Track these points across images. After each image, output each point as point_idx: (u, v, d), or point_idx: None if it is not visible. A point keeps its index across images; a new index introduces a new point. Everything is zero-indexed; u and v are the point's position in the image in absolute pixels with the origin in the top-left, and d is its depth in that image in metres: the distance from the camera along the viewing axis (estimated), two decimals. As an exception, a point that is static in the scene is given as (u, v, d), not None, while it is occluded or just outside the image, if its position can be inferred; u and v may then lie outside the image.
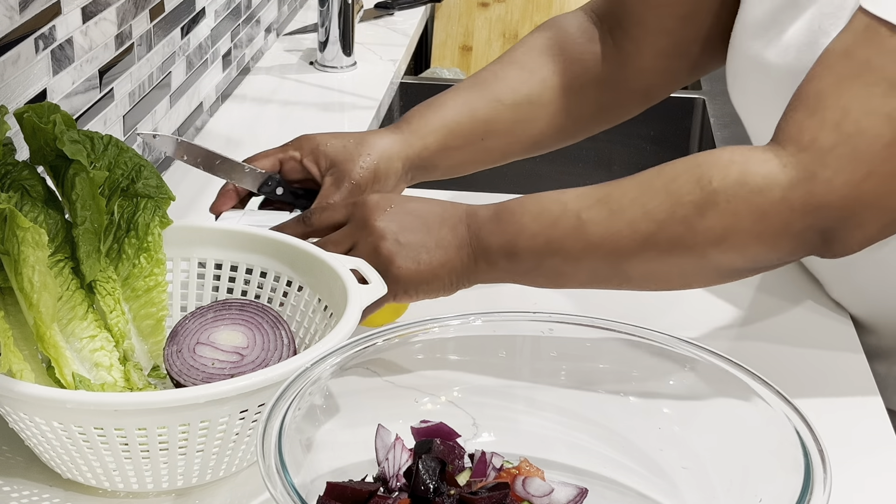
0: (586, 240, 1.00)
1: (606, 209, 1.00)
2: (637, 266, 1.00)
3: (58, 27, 1.20)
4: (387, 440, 0.86)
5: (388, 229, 1.02)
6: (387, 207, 1.03)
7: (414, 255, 1.02)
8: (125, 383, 0.96)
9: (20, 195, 0.94)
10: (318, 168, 1.17)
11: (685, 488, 0.89)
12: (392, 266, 1.01)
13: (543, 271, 1.03)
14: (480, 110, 1.22)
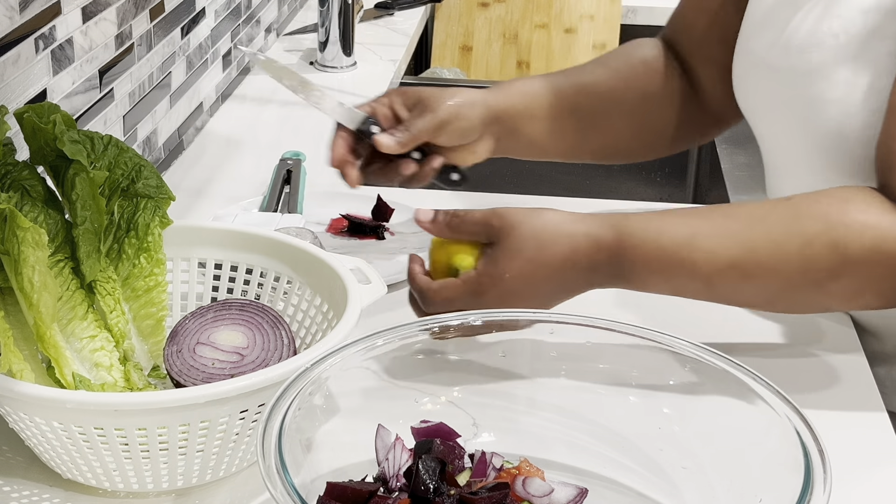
0: (716, 296, 1.04)
1: (738, 274, 1.01)
2: (759, 309, 1.10)
3: (58, 27, 1.20)
4: (387, 440, 0.86)
5: (516, 292, 1.02)
6: (507, 298, 1.02)
7: (537, 306, 1.03)
8: (125, 383, 0.96)
9: (20, 195, 0.95)
10: (405, 108, 1.22)
11: (685, 488, 0.89)
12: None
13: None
14: (565, 90, 1.26)
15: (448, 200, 1.46)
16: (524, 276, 1.02)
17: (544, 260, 1.02)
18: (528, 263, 1.02)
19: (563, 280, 1.03)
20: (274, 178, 1.46)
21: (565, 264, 1.02)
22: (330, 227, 1.38)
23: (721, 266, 1.01)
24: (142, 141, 1.46)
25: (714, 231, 1.02)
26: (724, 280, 1.01)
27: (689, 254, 1.01)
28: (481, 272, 1.03)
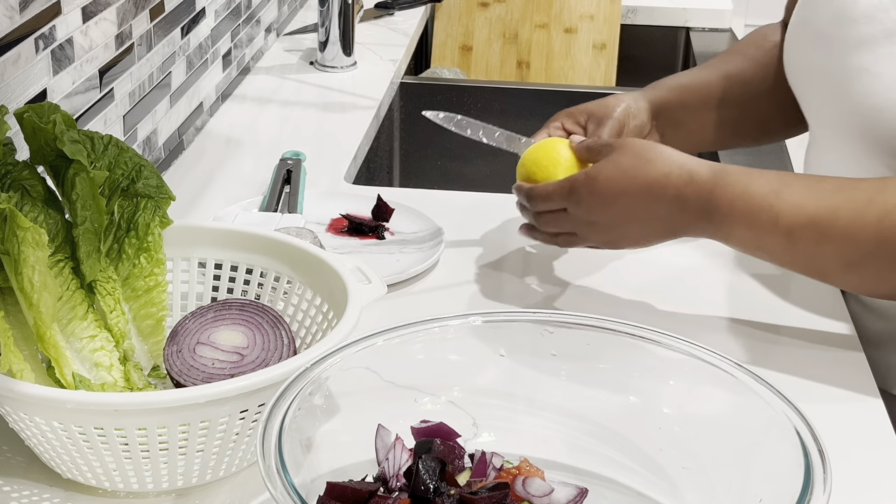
0: (792, 254, 1.07)
1: (816, 232, 1.04)
2: (834, 279, 1.09)
3: (58, 27, 1.20)
4: (387, 440, 0.86)
5: (608, 230, 1.14)
6: (599, 206, 1.12)
7: (623, 246, 1.16)
8: (125, 383, 0.96)
9: (20, 195, 0.95)
10: (579, 125, 1.28)
11: (685, 488, 0.89)
12: (600, 247, 1.18)
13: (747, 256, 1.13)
14: (713, 82, 1.32)
15: (449, 200, 1.46)
16: (614, 185, 1.11)
17: (636, 175, 1.10)
18: (621, 174, 1.10)
19: (649, 202, 1.10)
20: (274, 178, 1.46)
21: (654, 186, 1.09)
22: (330, 227, 1.38)
23: (802, 221, 1.04)
24: (142, 141, 1.46)
25: (802, 187, 1.06)
26: (804, 236, 1.04)
27: (775, 202, 1.05)
28: (581, 174, 1.14)
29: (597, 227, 1.14)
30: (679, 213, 1.09)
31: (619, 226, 1.13)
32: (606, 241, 1.16)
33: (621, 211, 1.12)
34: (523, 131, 2.05)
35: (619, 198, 1.11)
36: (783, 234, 1.05)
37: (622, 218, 1.12)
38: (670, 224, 1.11)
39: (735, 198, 1.06)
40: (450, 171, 2.08)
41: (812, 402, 1.00)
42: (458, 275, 1.29)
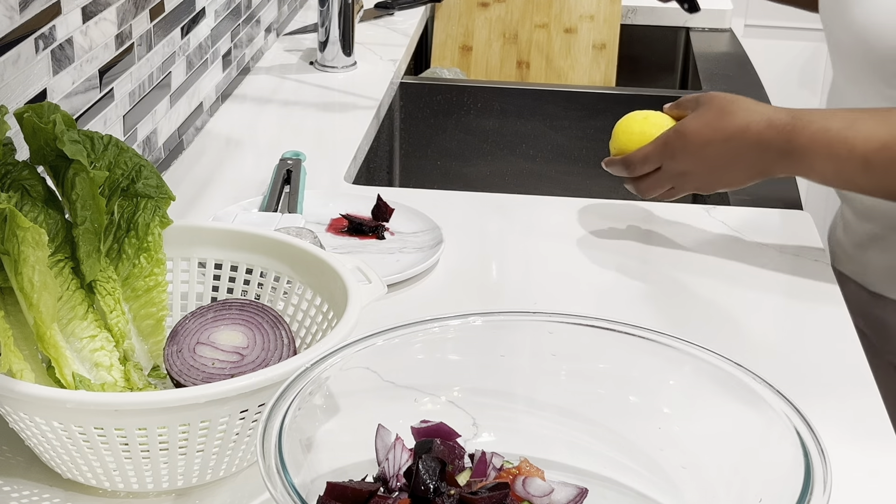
0: (869, 179, 1.18)
1: (889, 155, 1.16)
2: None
3: (58, 27, 1.20)
4: (387, 440, 0.86)
5: (702, 178, 1.28)
6: (689, 157, 1.26)
7: (716, 189, 1.30)
8: (125, 383, 0.96)
9: (20, 195, 0.95)
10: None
11: (685, 488, 0.89)
12: (697, 192, 1.31)
13: (832, 186, 1.28)
14: None
15: (449, 200, 1.46)
16: (702, 136, 1.24)
17: (720, 125, 1.23)
18: (705, 126, 1.24)
19: (732, 150, 1.23)
20: (274, 178, 1.46)
21: (735, 135, 1.22)
22: (330, 227, 1.38)
23: (876, 146, 1.16)
24: (142, 141, 1.46)
25: (873, 118, 1.19)
26: (878, 160, 1.16)
27: (850, 133, 1.18)
28: (670, 130, 1.28)
29: (689, 177, 1.28)
30: (762, 156, 1.22)
31: (708, 173, 1.26)
32: (699, 187, 1.29)
33: (709, 159, 1.25)
34: (523, 131, 2.06)
35: (706, 148, 1.24)
36: (860, 160, 1.17)
37: (710, 166, 1.25)
38: (756, 166, 1.23)
39: (813, 134, 1.19)
40: (450, 171, 2.08)
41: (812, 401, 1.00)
42: (458, 275, 1.29)
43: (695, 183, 1.29)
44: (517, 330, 0.97)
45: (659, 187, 1.30)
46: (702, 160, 1.26)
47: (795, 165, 1.21)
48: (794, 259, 1.33)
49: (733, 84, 2.02)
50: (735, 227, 1.40)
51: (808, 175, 1.22)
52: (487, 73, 2.35)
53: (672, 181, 1.29)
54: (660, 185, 1.30)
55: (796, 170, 1.22)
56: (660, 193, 1.32)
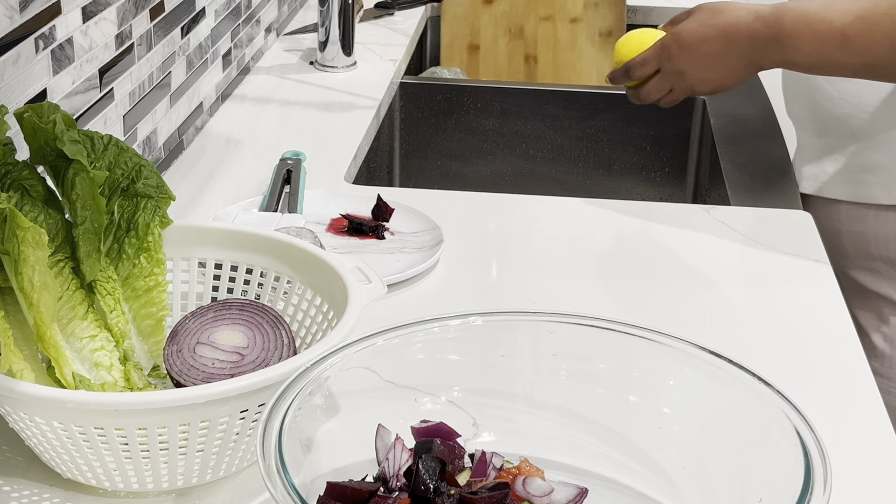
0: (849, 51, 1.28)
1: (864, 24, 1.27)
2: (888, 65, 1.28)
3: (58, 27, 1.20)
4: (387, 440, 0.86)
5: (695, 75, 1.39)
6: (685, 55, 1.38)
7: (711, 87, 1.40)
8: (125, 383, 0.96)
9: (20, 195, 0.95)
10: None
11: (685, 488, 0.89)
12: (697, 90, 1.42)
13: (813, 72, 1.39)
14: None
15: (449, 200, 1.46)
16: (696, 34, 1.37)
17: (712, 22, 1.36)
18: (699, 25, 1.37)
19: (725, 43, 1.35)
20: (274, 178, 1.46)
21: (727, 28, 1.35)
22: (330, 227, 1.38)
23: (851, 18, 1.27)
24: (142, 141, 1.46)
25: (845, 1, 1.29)
26: (855, 30, 1.27)
27: (827, 12, 1.29)
28: (667, 35, 1.41)
29: (686, 75, 1.39)
30: (752, 46, 1.33)
31: (704, 69, 1.38)
32: (695, 84, 1.40)
33: (704, 55, 1.37)
34: (523, 131, 2.06)
35: (701, 44, 1.36)
36: (838, 34, 1.27)
37: (706, 62, 1.37)
38: (747, 57, 1.35)
39: (795, 17, 1.30)
40: (450, 171, 2.08)
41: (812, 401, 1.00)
42: (458, 275, 1.29)
43: (691, 80, 1.39)
44: (517, 330, 0.97)
45: (658, 90, 1.42)
46: (697, 57, 1.37)
47: (782, 51, 1.31)
48: (794, 259, 1.33)
49: (733, 84, 2.01)
50: (735, 226, 1.40)
51: (794, 58, 1.32)
52: (496, 71, 2.35)
53: (670, 81, 1.41)
54: (659, 87, 1.42)
55: (783, 55, 1.32)
56: (660, 97, 1.43)
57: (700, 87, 1.41)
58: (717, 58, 1.37)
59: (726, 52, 1.36)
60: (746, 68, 1.37)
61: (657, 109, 1.49)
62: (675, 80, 1.41)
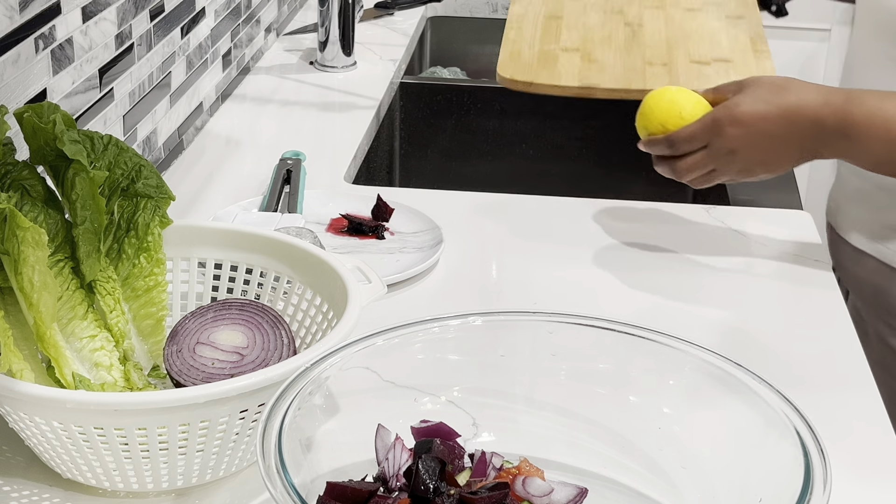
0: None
1: None
2: None
3: (58, 27, 1.20)
4: (387, 440, 0.86)
5: (751, 158, 1.22)
6: (740, 134, 1.21)
7: (763, 171, 1.24)
8: (125, 383, 0.96)
9: (20, 195, 0.95)
10: None
11: (685, 488, 0.89)
12: (750, 176, 1.25)
13: (874, 171, 1.24)
14: None
15: (449, 200, 1.46)
16: (754, 112, 1.21)
17: (774, 101, 1.21)
18: (760, 101, 1.21)
19: (788, 126, 1.20)
20: (274, 178, 1.46)
21: (791, 110, 1.20)
22: (330, 227, 1.38)
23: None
24: (142, 141, 1.46)
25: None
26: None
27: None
28: (719, 108, 1.23)
29: (737, 156, 1.22)
30: (817, 133, 1.20)
31: (759, 152, 1.22)
32: (745, 168, 1.24)
33: (762, 136, 1.21)
34: (523, 131, 2.06)
35: (759, 123, 1.20)
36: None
37: (763, 143, 1.21)
38: (808, 146, 1.21)
39: (870, 113, 1.18)
40: (450, 171, 2.08)
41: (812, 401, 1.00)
42: (458, 275, 1.29)
43: (742, 162, 1.23)
44: (517, 330, 0.97)
45: (699, 168, 1.25)
46: (754, 137, 1.21)
47: (848, 145, 1.20)
48: (794, 259, 1.33)
49: (733, 84, 2.01)
50: (735, 227, 1.40)
51: (859, 156, 1.21)
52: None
53: (716, 161, 1.24)
54: (701, 164, 1.24)
55: (848, 150, 1.20)
56: (698, 175, 1.26)
57: (750, 171, 1.24)
58: (775, 140, 1.21)
59: (786, 136, 1.21)
60: (802, 155, 1.22)
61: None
62: (722, 159, 1.23)
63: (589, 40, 1.66)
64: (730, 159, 1.23)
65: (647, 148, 1.28)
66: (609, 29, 1.71)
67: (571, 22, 1.75)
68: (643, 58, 1.61)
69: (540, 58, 1.62)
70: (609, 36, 1.69)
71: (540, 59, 1.60)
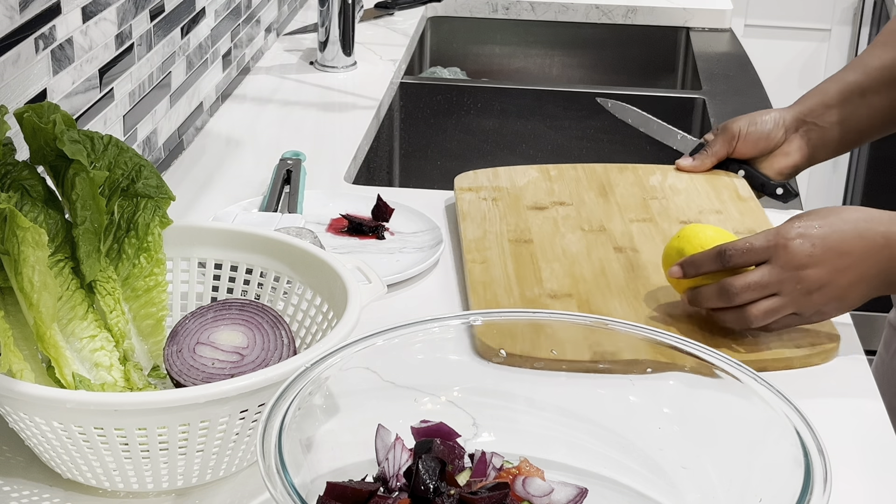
0: None
1: None
2: None
3: (58, 27, 1.20)
4: (387, 440, 0.86)
5: (820, 279, 1.06)
6: (810, 251, 1.06)
7: (841, 296, 1.07)
8: (125, 383, 0.96)
9: (20, 195, 0.94)
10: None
11: (685, 488, 0.89)
12: (821, 308, 1.08)
13: None
14: (850, 75, 1.37)
15: (449, 200, 1.46)
16: (820, 228, 1.05)
17: (837, 218, 1.06)
18: (821, 219, 1.06)
19: (858, 239, 1.05)
20: (274, 178, 1.46)
21: (860, 222, 1.06)
22: (330, 227, 1.38)
23: None
24: (142, 141, 1.46)
25: None
26: None
27: None
28: (776, 227, 1.08)
29: (808, 280, 1.06)
30: (890, 252, 1.05)
31: (833, 272, 1.06)
32: (823, 298, 1.07)
33: (838, 245, 1.05)
34: (523, 131, 2.06)
35: (830, 236, 1.05)
36: None
37: (836, 263, 1.05)
38: (881, 270, 1.06)
39: None
40: (450, 171, 2.08)
41: (812, 401, 1.00)
42: (458, 275, 1.29)
43: (815, 293, 1.06)
44: (517, 330, 0.97)
45: (759, 290, 1.07)
46: (825, 252, 1.05)
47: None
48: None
49: (733, 84, 2.02)
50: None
51: None
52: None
53: (782, 286, 1.06)
54: (762, 287, 1.07)
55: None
56: (760, 308, 1.08)
57: (827, 306, 1.07)
58: (850, 257, 1.05)
59: (861, 252, 1.05)
60: (885, 283, 1.07)
61: (659, 109, 1.48)
62: (789, 284, 1.06)
63: (580, 278, 1.23)
64: (819, 294, 1.06)
65: (694, 303, 1.13)
66: (599, 257, 1.27)
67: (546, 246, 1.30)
68: (656, 301, 1.20)
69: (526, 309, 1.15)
70: (602, 270, 1.25)
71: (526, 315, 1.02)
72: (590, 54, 2.42)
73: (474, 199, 1.40)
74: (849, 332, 1.18)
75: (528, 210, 1.37)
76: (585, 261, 1.26)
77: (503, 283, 1.22)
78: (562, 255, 1.28)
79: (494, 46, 2.46)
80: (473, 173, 1.47)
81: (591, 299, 1.19)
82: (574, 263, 1.26)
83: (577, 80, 2.43)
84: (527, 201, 1.39)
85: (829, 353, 1.11)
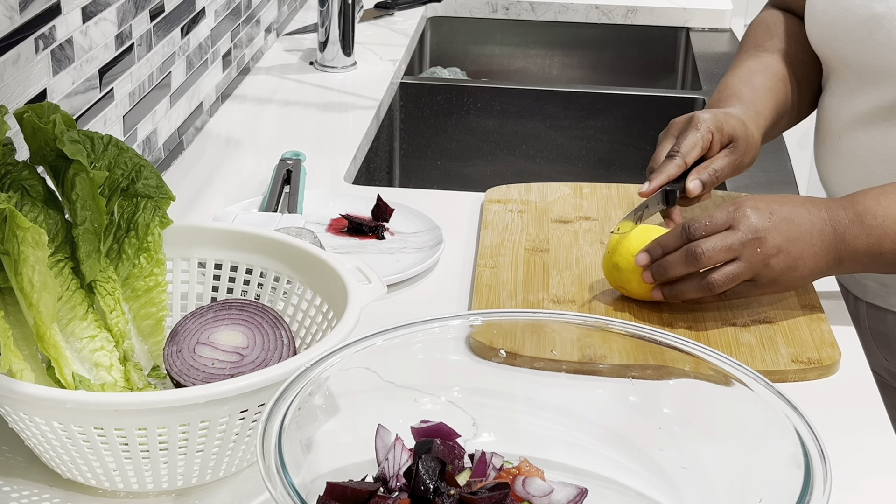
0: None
1: None
2: None
3: (58, 27, 1.20)
4: (387, 440, 0.86)
5: (777, 244, 1.12)
6: (768, 217, 1.12)
7: (793, 265, 1.13)
8: (125, 383, 0.96)
9: (20, 195, 0.94)
10: (720, 145, 1.28)
11: (685, 488, 0.89)
12: (776, 276, 1.13)
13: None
14: (780, 93, 1.35)
15: (449, 200, 1.46)
16: (772, 198, 1.13)
17: (784, 198, 1.14)
18: (770, 197, 1.13)
19: (810, 210, 1.13)
20: (274, 178, 1.46)
21: (805, 201, 1.14)
22: (330, 227, 1.38)
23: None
24: (142, 141, 1.46)
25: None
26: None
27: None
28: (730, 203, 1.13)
29: (767, 244, 1.11)
30: (835, 224, 1.13)
31: (787, 241, 1.12)
32: (779, 265, 1.12)
33: (790, 216, 1.12)
34: (523, 131, 2.06)
35: (783, 207, 1.13)
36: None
37: (789, 231, 1.12)
38: (828, 241, 1.13)
39: (883, 203, 1.13)
40: (450, 171, 2.08)
41: (812, 402, 1.00)
42: (458, 275, 1.29)
43: (785, 263, 1.12)
44: (517, 330, 0.97)
45: (723, 253, 1.11)
46: (785, 214, 1.12)
47: (868, 230, 1.12)
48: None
49: (733, 84, 2.01)
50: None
51: (878, 250, 1.13)
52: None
53: (755, 267, 1.12)
54: (726, 250, 1.11)
55: (870, 236, 1.12)
56: (722, 272, 1.12)
57: (788, 277, 1.13)
58: (802, 223, 1.12)
59: (812, 221, 1.12)
60: (830, 254, 1.13)
61: (658, 109, 1.48)
62: (750, 247, 1.11)
63: (586, 287, 1.23)
64: (757, 243, 1.11)
65: (653, 250, 1.15)
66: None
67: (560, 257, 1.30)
68: (660, 318, 1.18)
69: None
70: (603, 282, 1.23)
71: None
72: (590, 54, 2.42)
73: (500, 210, 1.39)
74: (850, 332, 1.18)
75: (552, 223, 1.37)
76: (597, 271, 1.25)
77: (509, 287, 1.22)
78: (574, 264, 1.27)
79: (494, 46, 2.46)
80: (506, 187, 1.44)
81: (594, 306, 1.18)
82: (584, 272, 1.25)
83: (577, 80, 2.43)
84: (553, 215, 1.38)
85: (828, 369, 1.12)
